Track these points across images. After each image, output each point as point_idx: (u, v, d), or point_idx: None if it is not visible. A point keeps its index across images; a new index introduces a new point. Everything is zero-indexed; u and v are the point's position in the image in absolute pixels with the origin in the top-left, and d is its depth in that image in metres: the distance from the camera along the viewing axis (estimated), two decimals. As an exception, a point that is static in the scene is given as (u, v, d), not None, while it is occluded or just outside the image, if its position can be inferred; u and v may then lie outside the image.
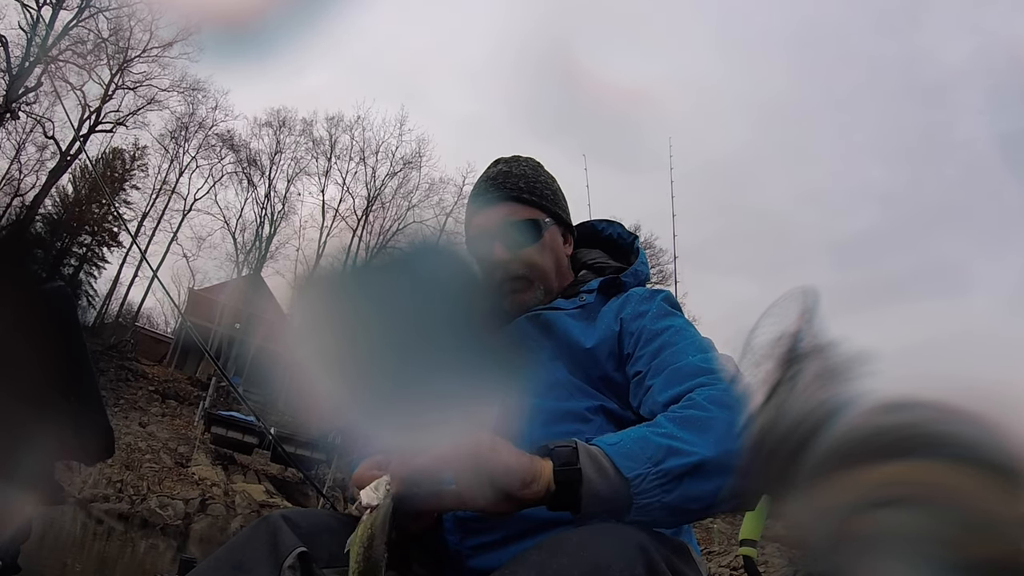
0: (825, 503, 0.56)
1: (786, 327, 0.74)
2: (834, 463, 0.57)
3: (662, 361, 0.95)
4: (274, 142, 27.85)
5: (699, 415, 0.82)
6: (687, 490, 0.76)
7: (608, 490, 0.75)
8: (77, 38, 21.98)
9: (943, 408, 0.53)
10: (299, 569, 0.76)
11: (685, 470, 0.76)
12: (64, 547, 8.78)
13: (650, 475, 0.75)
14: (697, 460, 0.76)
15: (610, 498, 0.75)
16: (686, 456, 0.77)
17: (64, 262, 25.25)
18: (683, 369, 0.92)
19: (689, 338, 0.98)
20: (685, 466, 0.76)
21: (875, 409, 0.58)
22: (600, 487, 0.75)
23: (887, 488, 0.52)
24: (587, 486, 0.74)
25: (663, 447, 0.77)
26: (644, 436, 0.79)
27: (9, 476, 1.23)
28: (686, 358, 0.94)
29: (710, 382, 0.88)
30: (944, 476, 0.51)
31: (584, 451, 0.76)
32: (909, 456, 0.52)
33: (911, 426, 0.54)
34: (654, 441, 0.78)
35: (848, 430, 0.58)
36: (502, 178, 1.16)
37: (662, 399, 0.90)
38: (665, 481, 0.75)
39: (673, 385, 0.91)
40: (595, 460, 0.76)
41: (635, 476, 0.75)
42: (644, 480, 0.75)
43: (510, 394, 0.72)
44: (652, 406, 0.93)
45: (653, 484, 0.75)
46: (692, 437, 0.79)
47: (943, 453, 0.52)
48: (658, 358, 0.96)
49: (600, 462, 0.76)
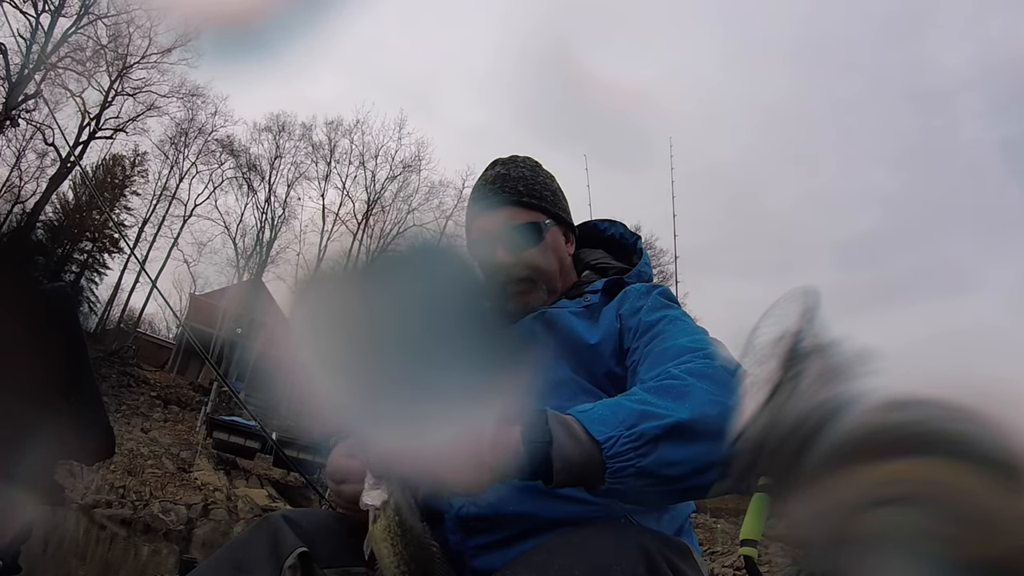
0: (828, 501, 0.56)
1: (787, 327, 0.74)
2: (836, 461, 0.56)
3: (652, 347, 0.96)
4: (274, 147, 27.88)
5: (675, 384, 0.80)
6: (662, 454, 0.73)
7: (580, 455, 0.72)
8: (76, 45, 22.02)
9: (946, 406, 0.53)
10: (300, 569, 0.76)
11: (659, 432, 0.73)
12: (67, 553, 8.77)
13: (623, 438, 0.72)
14: (672, 422, 0.74)
15: (583, 463, 0.72)
16: (660, 419, 0.74)
17: (65, 269, 25.26)
18: (670, 350, 0.91)
19: (682, 326, 0.98)
20: (659, 428, 0.74)
21: (877, 407, 0.58)
22: (571, 451, 0.72)
23: (890, 486, 0.52)
24: (558, 451, 0.71)
25: (636, 411, 0.75)
26: (617, 403, 0.78)
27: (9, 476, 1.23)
28: (674, 340, 0.93)
29: (693, 359, 0.87)
30: (947, 474, 0.51)
31: (554, 417, 0.74)
32: (912, 454, 0.52)
33: (914, 424, 0.54)
34: (627, 407, 0.76)
35: (850, 428, 0.58)
36: (501, 181, 1.16)
37: (646, 378, 0.89)
38: (639, 444, 0.73)
39: (657, 366, 0.90)
40: (565, 425, 0.74)
41: (607, 439, 0.72)
42: (616, 443, 0.72)
43: (512, 394, 0.72)
44: None
45: (626, 447, 0.72)
46: (667, 403, 0.77)
47: (946, 451, 0.52)
48: (649, 346, 0.96)
49: (571, 427, 0.74)
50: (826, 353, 0.68)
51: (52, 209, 25.14)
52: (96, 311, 26.70)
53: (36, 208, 22.51)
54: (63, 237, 25.32)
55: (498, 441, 0.71)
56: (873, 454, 0.54)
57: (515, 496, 0.90)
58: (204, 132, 26.58)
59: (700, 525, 14.58)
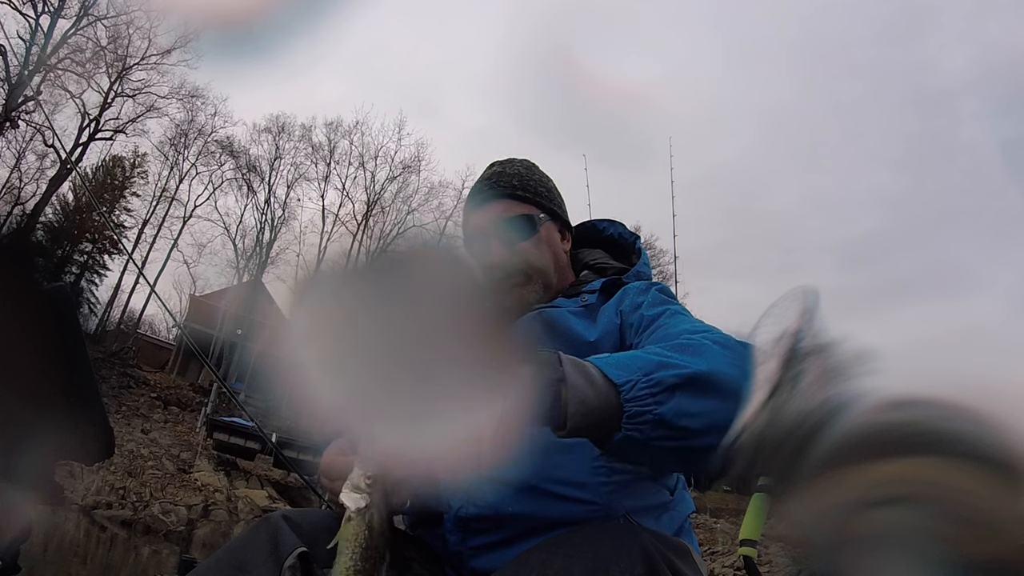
0: (827, 501, 0.56)
1: (787, 326, 0.74)
2: (836, 461, 0.56)
3: (656, 336, 0.95)
4: (273, 148, 27.88)
5: (692, 342, 0.79)
6: (680, 404, 0.71)
7: (596, 397, 0.69)
8: (76, 46, 22.02)
9: (946, 405, 0.53)
10: (299, 569, 0.76)
11: (678, 381, 0.72)
12: (67, 554, 8.77)
13: (640, 382, 0.70)
14: (691, 372, 0.73)
15: (599, 407, 0.69)
16: (679, 368, 0.73)
17: (65, 270, 25.27)
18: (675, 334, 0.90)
19: (684, 318, 0.98)
20: (678, 376, 0.72)
21: (878, 406, 0.58)
22: (587, 393, 0.69)
23: (890, 486, 0.52)
24: (573, 392, 0.68)
25: (653, 361, 0.73)
26: (635, 354, 0.76)
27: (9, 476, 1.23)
28: (680, 326, 0.93)
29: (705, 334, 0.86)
30: (947, 474, 0.51)
31: (568, 359, 0.71)
32: (912, 454, 0.52)
33: (914, 424, 0.54)
34: (643, 357, 0.75)
35: (850, 428, 0.58)
36: (496, 177, 1.17)
37: None
38: (657, 391, 0.70)
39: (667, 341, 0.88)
40: (580, 366, 0.71)
41: (624, 382, 0.70)
42: (635, 387, 0.70)
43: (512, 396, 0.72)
44: None
45: (644, 391, 0.70)
46: (685, 357, 0.75)
47: (946, 451, 0.51)
48: (653, 336, 0.96)
49: (587, 369, 0.71)
50: (826, 353, 0.68)
51: (52, 210, 25.19)
52: (96, 312, 26.74)
53: (36, 209, 22.51)
54: (63, 238, 25.32)
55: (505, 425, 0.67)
56: (873, 454, 0.54)
57: (514, 497, 0.90)
58: (204, 133, 26.58)
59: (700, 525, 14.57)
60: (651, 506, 0.96)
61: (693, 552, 0.88)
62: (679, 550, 0.80)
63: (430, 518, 0.98)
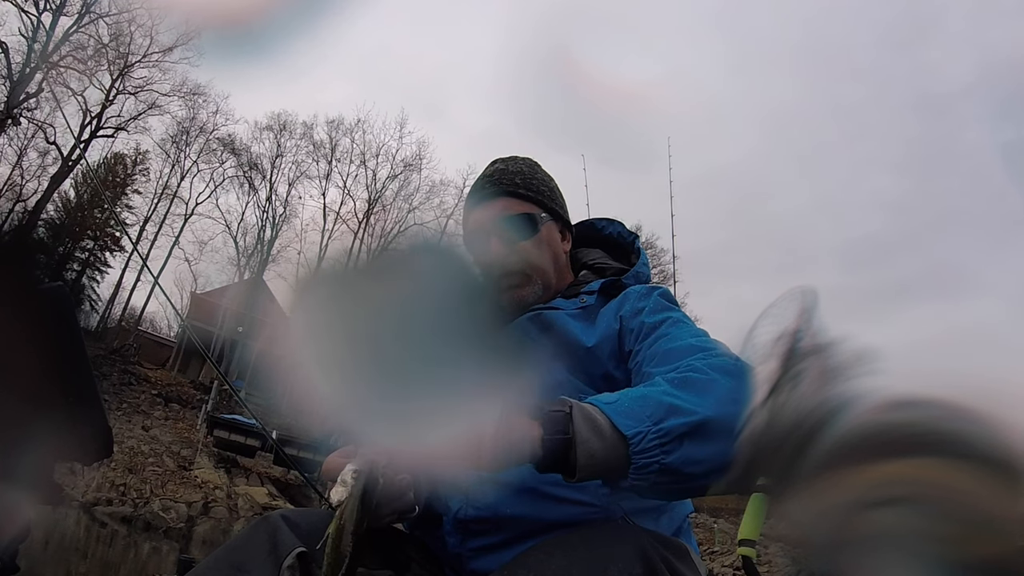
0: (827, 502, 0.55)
1: (785, 326, 0.74)
2: (836, 461, 0.56)
3: (659, 347, 0.95)
4: (275, 146, 27.88)
5: (699, 377, 0.78)
6: (688, 452, 0.72)
7: (604, 450, 0.71)
8: (78, 44, 22.02)
9: (946, 406, 0.53)
10: (298, 569, 0.76)
11: (687, 430, 0.72)
12: (67, 550, 8.79)
13: (650, 434, 0.71)
14: (699, 419, 0.73)
15: (606, 458, 0.71)
16: (688, 415, 0.73)
17: (67, 267, 25.28)
18: (679, 349, 0.91)
19: (685, 328, 0.98)
20: (687, 425, 0.72)
21: (877, 407, 0.58)
22: (596, 447, 0.70)
23: (890, 487, 0.52)
24: (583, 446, 0.70)
25: (664, 405, 0.73)
26: (643, 395, 0.76)
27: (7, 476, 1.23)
28: (682, 340, 0.93)
29: (708, 356, 0.86)
30: (947, 474, 0.50)
31: (579, 411, 0.72)
32: (912, 454, 0.52)
33: (914, 424, 0.54)
34: (654, 399, 0.74)
35: (850, 428, 0.58)
36: (498, 175, 1.16)
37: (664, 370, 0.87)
38: (666, 441, 0.71)
39: (670, 361, 0.88)
40: (590, 419, 0.72)
41: (634, 434, 0.71)
42: (644, 439, 0.71)
43: (511, 395, 0.72)
44: None
45: (653, 443, 0.71)
46: (693, 397, 0.75)
47: (946, 451, 0.51)
48: (654, 346, 0.96)
49: (596, 421, 0.72)
50: (826, 353, 0.68)
51: (54, 207, 25.20)
52: (98, 309, 26.77)
53: (38, 206, 22.53)
54: (65, 235, 25.34)
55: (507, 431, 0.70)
56: (873, 454, 0.54)
57: (513, 498, 0.90)
58: (205, 131, 26.61)
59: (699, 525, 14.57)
60: (649, 507, 0.96)
61: (691, 552, 0.88)
62: (677, 550, 0.80)
63: (429, 520, 0.98)
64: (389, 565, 0.86)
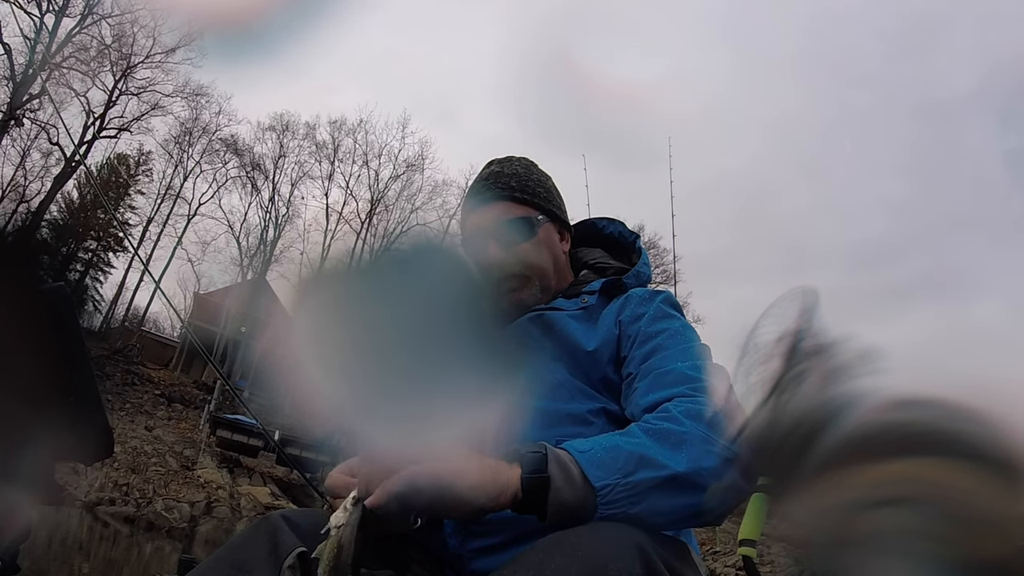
0: (828, 501, 0.55)
1: (787, 326, 0.74)
2: (837, 461, 0.56)
3: (650, 365, 0.96)
4: (278, 146, 27.92)
5: (673, 429, 0.80)
6: (654, 504, 0.75)
7: (574, 499, 0.74)
8: (80, 45, 22.08)
9: (947, 406, 0.53)
10: (299, 569, 0.76)
11: (655, 483, 0.75)
12: (70, 550, 8.81)
13: (619, 486, 0.74)
14: (668, 475, 0.76)
15: (575, 507, 0.74)
16: (658, 469, 0.76)
17: (70, 267, 25.36)
18: (667, 375, 0.92)
19: (682, 343, 0.98)
20: (655, 479, 0.75)
21: (879, 406, 0.58)
22: (567, 496, 0.74)
23: (891, 486, 0.52)
24: (554, 494, 0.73)
25: (635, 457, 0.76)
26: (616, 445, 0.78)
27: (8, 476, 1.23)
28: (673, 363, 0.94)
29: (690, 393, 0.87)
30: (947, 474, 0.50)
31: (553, 457, 0.75)
32: (913, 454, 0.52)
33: (915, 424, 0.54)
34: (626, 450, 0.77)
35: (851, 428, 0.58)
36: (495, 178, 1.16)
37: (643, 403, 0.91)
38: (633, 493, 0.74)
39: (655, 390, 0.91)
40: (564, 467, 0.75)
41: (603, 486, 0.74)
42: (612, 491, 0.74)
43: (511, 396, 0.72)
44: (633, 409, 0.93)
45: (621, 495, 0.74)
46: (665, 451, 0.78)
47: (946, 451, 0.51)
48: (647, 361, 0.96)
49: (569, 470, 0.75)
50: (827, 353, 0.68)
51: (57, 208, 25.27)
52: (101, 310, 26.85)
53: (41, 207, 22.59)
54: (68, 236, 25.42)
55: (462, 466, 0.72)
56: (874, 454, 0.54)
57: None
58: (208, 131, 26.63)
59: (702, 525, 14.53)
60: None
61: (692, 551, 0.87)
62: (677, 549, 0.80)
63: (430, 521, 0.98)
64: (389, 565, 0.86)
